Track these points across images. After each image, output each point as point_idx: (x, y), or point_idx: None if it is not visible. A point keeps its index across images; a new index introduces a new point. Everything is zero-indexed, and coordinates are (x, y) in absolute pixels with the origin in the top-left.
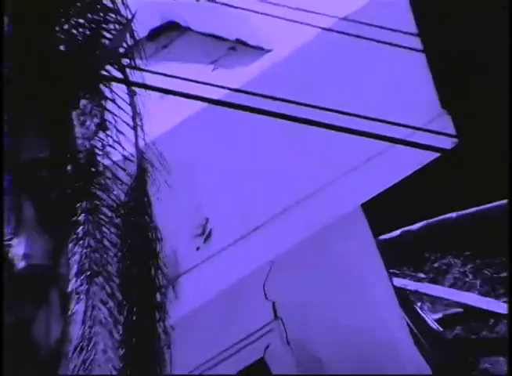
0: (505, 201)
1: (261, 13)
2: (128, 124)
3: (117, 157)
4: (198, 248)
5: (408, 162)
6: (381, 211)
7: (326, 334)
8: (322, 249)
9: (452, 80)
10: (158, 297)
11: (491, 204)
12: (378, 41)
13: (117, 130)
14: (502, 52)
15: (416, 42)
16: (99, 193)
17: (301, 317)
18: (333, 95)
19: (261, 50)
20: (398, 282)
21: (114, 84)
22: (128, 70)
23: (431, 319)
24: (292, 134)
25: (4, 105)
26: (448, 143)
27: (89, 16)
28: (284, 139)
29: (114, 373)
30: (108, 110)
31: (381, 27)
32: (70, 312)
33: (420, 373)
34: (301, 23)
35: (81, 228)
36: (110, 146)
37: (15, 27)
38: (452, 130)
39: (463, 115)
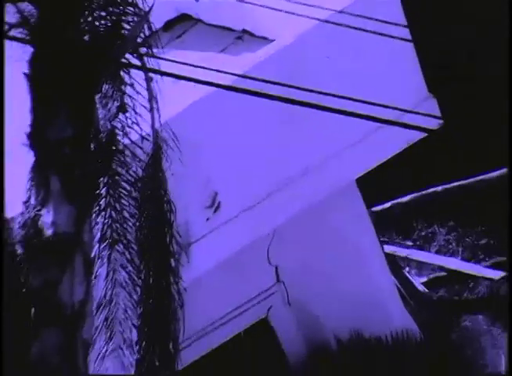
0: (484, 176)
1: (266, 7)
2: (144, 107)
3: (135, 136)
4: (208, 219)
5: (398, 141)
6: (374, 185)
7: (324, 295)
8: (321, 219)
9: (439, 66)
10: (172, 262)
11: (472, 179)
12: (370, 32)
13: (135, 112)
14: (488, 42)
15: (405, 33)
16: (119, 169)
17: (301, 280)
18: (331, 80)
19: (265, 39)
20: (389, 248)
21: (133, 71)
22: (145, 57)
23: (418, 281)
24: (293, 114)
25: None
26: (434, 124)
27: (110, 9)
28: (286, 119)
29: (133, 329)
30: (127, 94)
31: (373, 19)
32: (92, 276)
33: (407, 329)
34: (301, 15)
35: (102, 200)
36: (129, 126)
37: (43, 19)
38: (437, 112)
39: (449, 99)
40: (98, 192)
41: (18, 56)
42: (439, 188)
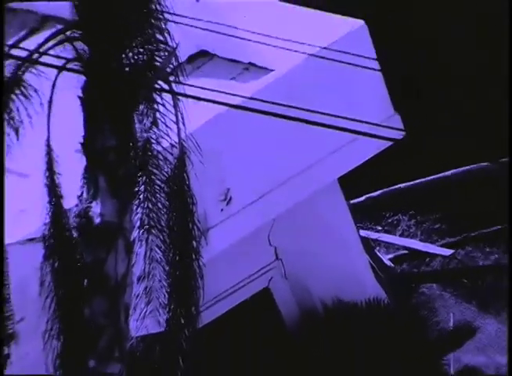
0: (437, 176)
1: (266, 44)
2: (172, 121)
3: (165, 144)
4: (222, 210)
5: (370, 148)
6: (352, 182)
7: (313, 270)
8: (311, 210)
9: (403, 91)
10: (194, 243)
11: (427, 178)
12: (349, 64)
13: (166, 125)
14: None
15: (376, 64)
16: (153, 170)
17: (295, 258)
18: (319, 102)
19: (266, 70)
20: (363, 233)
21: (163, 94)
22: (172, 83)
23: (386, 258)
24: (289, 128)
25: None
26: (398, 135)
27: (146, 46)
28: (283, 132)
29: (167, 295)
30: (159, 112)
31: (351, 54)
32: (132, 255)
33: (377, 296)
34: (295, 50)
35: (141, 195)
36: (161, 136)
37: (94, 55)
38: (401, 126)
39: (411, 115)
40: (137, 189)
41: (74, 83)
42: (402, 185)
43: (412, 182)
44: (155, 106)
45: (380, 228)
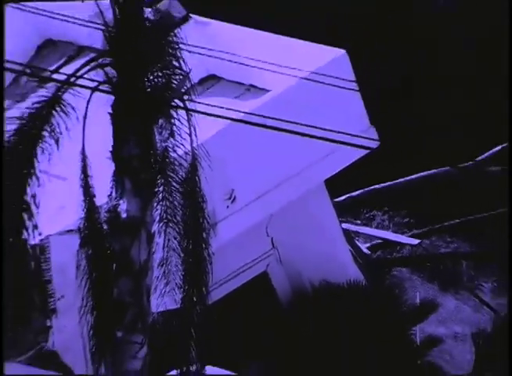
0: (407, 178)
1: (264, 69)
2: (186, 133)
3: (180, 152)
4: (228, 207)
5: (350, 156)
6: (335, 184)
7: (304, 257)
8: (302, 207)
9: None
10: (204, 234)
11: (398, 180)
12: (333, 85)
13: (181, 136)
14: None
15: (355, 86)
16: (170, 174)
17: (289, 247)
18: (309, 117)
19: (264, 90)
20: (345, 226)
21: (179, 110)
22: (186, 101)
23: (364, 246)
24: (283, 140)
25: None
26: (374, 144)
27: (164, 71)
28: (278, 143)
29: (181, 278)
30: (175, 125)
31: (336, 77)
32: (153, 244)
33: (357, 278)
34: (289, 74)
35: (160, 194)
36: (176, 146)
37: (121, 78)
38: (376, 137)
39: (385, 127)
40: (156, 189)
41: (105, 102)
42: (378, 186)
43: (385, 184)
44: (172, 120)
45: (358, 222)
